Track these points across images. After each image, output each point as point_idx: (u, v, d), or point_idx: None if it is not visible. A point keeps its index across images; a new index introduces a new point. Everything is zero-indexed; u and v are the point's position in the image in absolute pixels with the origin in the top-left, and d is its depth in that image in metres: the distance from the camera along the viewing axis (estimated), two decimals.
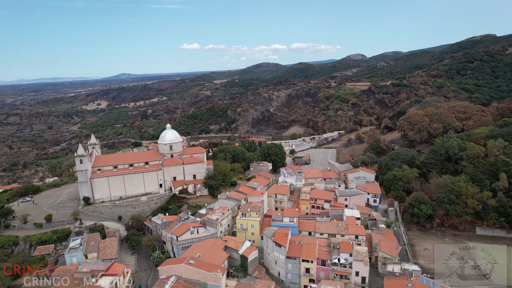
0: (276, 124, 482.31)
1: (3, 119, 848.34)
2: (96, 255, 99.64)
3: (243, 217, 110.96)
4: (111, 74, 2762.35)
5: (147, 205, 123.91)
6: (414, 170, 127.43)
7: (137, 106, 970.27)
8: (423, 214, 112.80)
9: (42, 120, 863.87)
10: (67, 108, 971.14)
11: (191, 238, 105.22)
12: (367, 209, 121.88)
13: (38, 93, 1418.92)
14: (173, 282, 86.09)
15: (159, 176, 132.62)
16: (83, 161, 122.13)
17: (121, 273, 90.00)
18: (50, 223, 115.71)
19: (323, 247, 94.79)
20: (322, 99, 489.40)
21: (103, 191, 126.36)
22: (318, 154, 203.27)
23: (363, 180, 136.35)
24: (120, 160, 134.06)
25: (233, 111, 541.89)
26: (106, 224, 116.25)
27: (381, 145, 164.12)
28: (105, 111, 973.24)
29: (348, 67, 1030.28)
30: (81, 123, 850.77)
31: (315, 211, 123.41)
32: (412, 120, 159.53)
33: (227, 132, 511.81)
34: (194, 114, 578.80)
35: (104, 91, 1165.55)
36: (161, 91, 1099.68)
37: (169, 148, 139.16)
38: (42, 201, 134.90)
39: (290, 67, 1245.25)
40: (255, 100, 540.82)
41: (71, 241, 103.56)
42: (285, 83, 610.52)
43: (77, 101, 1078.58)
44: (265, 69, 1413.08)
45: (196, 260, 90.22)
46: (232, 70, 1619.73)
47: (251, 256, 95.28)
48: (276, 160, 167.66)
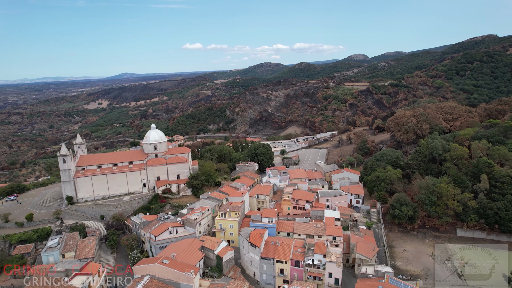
0: (274, 124, 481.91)
1: (5, 118, 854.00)
2: (74, 254, 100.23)
3: (222, 217, 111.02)
4: (114, 74, 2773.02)
5: (129, 205, 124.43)
6: (398, 171, 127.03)
7: (138, 106, 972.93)
8: (404, 215, 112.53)
9: (43, 119, 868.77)
10: (68, 108, 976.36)
11: (169, 238, 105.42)
12: (349, 210, 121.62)
13: (41, 92, 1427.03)
14: (146, 281, 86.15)
15: (143, 176, 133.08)
16: (66, 161, 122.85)
17: (95, 273, 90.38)
18: (31, 222, 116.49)
19: (298, 248, 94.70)
20: (320, 99, 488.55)
21: (87, 191, 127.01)
22: (308, 154, 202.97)
23: (347, 181, 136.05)
24: (104, 159, 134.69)
25: (231, 111, 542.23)
26: (87, 223, 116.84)
27: (368, 145, 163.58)
28: (106, 110, 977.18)
29: (349, 67, 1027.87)
30: (82, 122, 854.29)
31: (296, 211, 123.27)
32: (399, 121, 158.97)
33: (225, 132, 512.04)
34: (192, 114, 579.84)
35: (105, 91, 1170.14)
36: (162, 91, 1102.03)
37: (154, 148, 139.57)
38: (26, 200, 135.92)
39: (291, 67, 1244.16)
40: (253, 100, 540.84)
41: (50, 240, 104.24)
42: (284, 83, 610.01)
43: (79, 100, 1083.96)
44: (266, 69, 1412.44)
45: (170, 260, 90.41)
46: (234, 70, 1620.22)
47: (226, 256, 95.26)
48: (264, 161, 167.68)
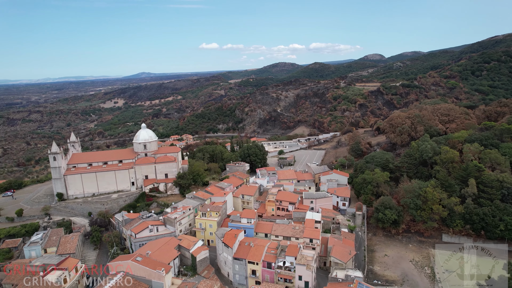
0: (282, 124, 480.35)
1: (26, 116, 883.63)
2: (56, 250, 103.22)
3: (202, 217, 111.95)
4: (132, 73, 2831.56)
5: (116, 202, 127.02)
6: (385, 174, 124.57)
7: (152, 105, 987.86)
8: (387, 219, 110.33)
9: (62, 117, 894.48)
10: (86, 106, 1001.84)
11: (149, 235, 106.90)
12: (333, 213, 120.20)
13: (61, 91, 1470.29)
14: (120, 278, 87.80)
15: (131, 174, 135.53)
16: (56, 158, 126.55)
17: (72, 268, 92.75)
18: (21, 217, 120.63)
19: (272, 250, 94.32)
20: (330, 100, 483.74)
21: (77, 188, 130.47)
22: (305, 155, 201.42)
23: (334, 182, 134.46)
24: (95, 158, 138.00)
25: (241, 111, 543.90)
26: (74, 219, 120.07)
27: (361, 147, 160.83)
28: (121, 109, 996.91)
29: (364, 67, 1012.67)
30: (98, 120, 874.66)
31: (280, 212, 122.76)
32: (394, 122, 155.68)
33: (234, 131, 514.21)
34: (203, 113, 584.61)
35: (121, 90, 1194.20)
36: (177, 90, 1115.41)
37: (143, 147, 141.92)
38: (21, 196, 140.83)
39: (305, 67, 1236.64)
40: (263, 100, 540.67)
41: (34, 235, 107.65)
42: (295, 83, 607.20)
43: (96, 99, 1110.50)
44: (281, 68, 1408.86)
45: (144, 258, 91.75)
46: (249, 70, 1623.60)
47: (200, 255, 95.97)
48: (256, 161, 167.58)
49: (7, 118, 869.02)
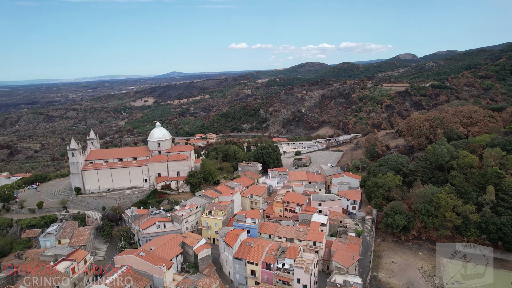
0: (306, 124, 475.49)
1: (63, 113, 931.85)
2: (68, 241, 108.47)
3: (209, 215, 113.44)
4: (162, 72, 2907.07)
5: (128, 198, 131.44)
6: (397, 178, 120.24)
7: (180, 104, 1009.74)
8: (396, 224, 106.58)
9: (95, 115, 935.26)
10: (117, 104, 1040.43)
11: (156, 232, 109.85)
12: (341, 216, 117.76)
13: (96, 90, 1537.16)
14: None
15: (144, 171, 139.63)
16: (75, 154, 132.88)
17: (80, 260, 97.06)
18: (41, 209, 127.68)
19: (272, 251, 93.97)
20: (356, 100, 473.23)
21: (93, 183, 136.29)
22: (322, 156, 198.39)
23: (346, 185, 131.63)
24: (112, 154, 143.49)
25: (265, 111, 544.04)
26: (88, 213, 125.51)
27: (376, 150, 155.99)
28: (151, 107, 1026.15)
29: (394, 67, 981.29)
30: (128, 118, 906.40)
31: (288, 214, 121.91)
32: (411, 124, 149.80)
33: (258, 131, 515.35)
34: (227, 112, 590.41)
35: (151, 89, 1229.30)
36: (205, 90, 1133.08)
37: (157, 145, 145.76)
38: (44, 189, 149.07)
39: (334, 67, 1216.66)
40: (287, 100, 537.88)
41: (51, 226, 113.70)
42: (321, 83, 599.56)
43: (127, 97, 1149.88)
44: (309, 68, 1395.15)
45: (147, 253, 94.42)
46: (277, 70, 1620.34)
47: (201, 253, 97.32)
48: (269, 161, 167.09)
49: (46, 115, 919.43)
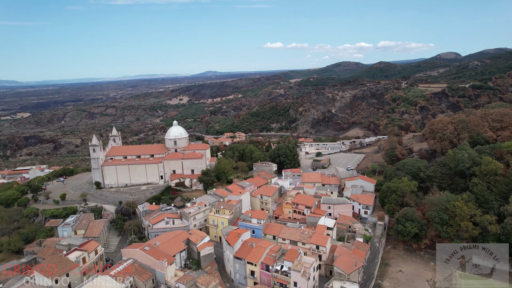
0: (336, 125, 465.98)
1: (103, 110, 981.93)
2: (84, 232, 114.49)
3: (216, 214, 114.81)
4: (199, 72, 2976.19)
5: (143, 194, 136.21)
6: (412, 183, 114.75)
7: (214, 103, 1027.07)
8: (407, 232, 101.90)
9: (132, 112, 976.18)
10: (154, 102, 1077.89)
11: (165, 227, 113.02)
12: (350, 220, 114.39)
13: (135, 88, 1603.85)
14: (128, 263, 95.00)
15: (160, 168, 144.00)
16: (95, 150, 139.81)
17: (91, 250, 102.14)
18: (64, 201, 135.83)
19: (273, 252, 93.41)
20: (388, 101, 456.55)
21: (112, 178, 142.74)
22: (343, 158, 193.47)
23: (359, 189, 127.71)
24: (130, 151, 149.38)
25: (294, 111, 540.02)
26: (105, 206, 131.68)
27: (396, 153, 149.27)
28: (185, 106, 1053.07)
29: (434, 67, 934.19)
30: (163, 116, 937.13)
31: (296, 216, 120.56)
32: (434, 127, 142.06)
33: (287, 131, 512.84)
34: (257, 112, 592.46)
35: (187, 87, 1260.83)
36: (238, 89, 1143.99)
37: (173, 143, 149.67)
38: (70, 182, 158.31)
39: (369, 66, 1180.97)
40: (317, 100, 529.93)
41: (69, 217, 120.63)
42: (353, 83, 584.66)
43: (163, 96, 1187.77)
44: (344, 68, 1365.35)
45: (152, 248, 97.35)
46: (311, 69, 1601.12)
47: (204, 251, 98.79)
48: (286, 162, 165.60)
49: (88, 112, 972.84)
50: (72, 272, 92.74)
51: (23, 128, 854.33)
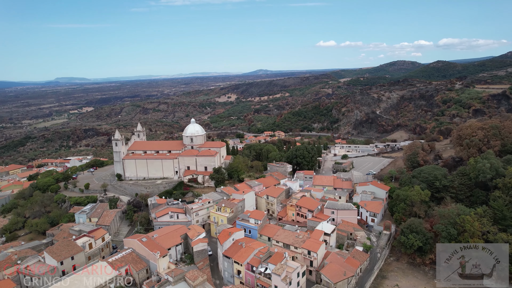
0: (379, 127, 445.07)
1: (156, 106, 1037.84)
2: (97, 220, 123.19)
3: (217, 211, 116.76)
4: (250, 70, 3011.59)
5: (157, 187, 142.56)
6: (424, 192, 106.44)
7: (260, 101, 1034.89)
8: (410, 244, 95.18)
9: (183, 108, 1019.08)
10: (203, 100, 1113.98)
11: (168, 221, 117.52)
12: (353, 227, 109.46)
13: (188, 86, 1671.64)
14: (126, 253, 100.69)
15: (175, 164, 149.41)
16: (117, 144, 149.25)
17: (98, 237, 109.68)
18: (88, 190, 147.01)
19: (261, 254, 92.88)
20: (439, 103, 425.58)
21: (132, 171, 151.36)
22: (368, 162, 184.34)
23: (369, 195, 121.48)
24: (150, 146, 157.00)
25: (337, 111, 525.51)
26: (122, 197, 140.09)
27: (418, 159, 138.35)
28: (233, 103, 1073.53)
29: (503, 65, 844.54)
30: (211, 113, 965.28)
31: (300, 219, 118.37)
32: (462, 133, 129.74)
33: (328, 131, 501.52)
34: (299, 111, 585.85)
35: (235, 86, 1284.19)
36: (285, 88, 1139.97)
37: (190, 140, 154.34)
38: (98, 173, 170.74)
39: (425, 66, 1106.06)
40: (362, 101, 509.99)
41: (87, 205, 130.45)
42: (402, 84, 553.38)
43: (213, 93, 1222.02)
44: (399, 67, 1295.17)
45: (149, 240, 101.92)
46: (363, 68, 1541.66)
47: (197, 247, 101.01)
48: (303, 163, 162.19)
49: (142, 108, 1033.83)
50: (77, 255, 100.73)
51: (86, 121, 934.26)
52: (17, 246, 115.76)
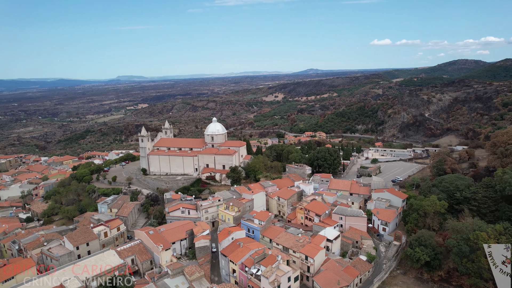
0: (427, 131, 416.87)
1: (205, 104, 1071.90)
2: (116, 211, 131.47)
3: (225, 210, 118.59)
4: (301, 69, 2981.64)
5: (176, 183, 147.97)
6: (440, 203, 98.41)
7: (307, 101, 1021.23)
8: (417, 258, 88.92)
9: (230, 107, 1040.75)
10: (250, 98, 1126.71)
11: (179, 216, 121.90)
12: (361, 235, 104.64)
13: (237, 84, 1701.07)
14: (135, 243, 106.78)
15: (195, 161, 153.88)
16: (143, 140, 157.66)
17: (113, 227, 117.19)
18: (115, 182, 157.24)
19: (256, 255, 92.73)
20: (498, 106, 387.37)
21: (155, 166, 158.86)
22: (398, 168, 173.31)
23: (383, 202, 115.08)
24: (173, 143, 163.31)
25: (383, 112, 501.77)
26: (144, 191, 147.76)
27: (445, 167, 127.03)
28: (279, 103, 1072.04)
29: None
30: (257, 112, 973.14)
31: (308, 222, 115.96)
32: (496, 140, 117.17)
33: (372, 133, 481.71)
34: (343, 112, 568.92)
35: (283, 85, 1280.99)
36: (333, 87, 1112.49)
37: (211, 139, 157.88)
38: (128, 167, 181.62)
39: (491, 65, 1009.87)
40: (410, 102, 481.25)
41: (111, 197, 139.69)
42: (457, 85, 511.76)
43: (260, 92, 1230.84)
44: (459, 67, 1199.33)
45: (155, 233, 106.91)
46: (419, 68, 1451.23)
47: (199, 243, 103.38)
48: (324, 166, 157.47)
49: (192, 105, 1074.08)
50: (92, 242, 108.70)
51: (140, 117, 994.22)
52: (48, 229, 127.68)
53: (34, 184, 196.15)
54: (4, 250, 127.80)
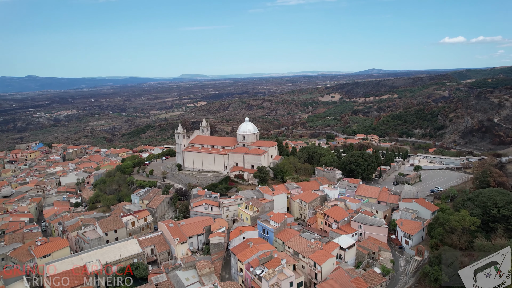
0: (495, 138, 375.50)
1: (260, 103, 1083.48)
2: (148, 203, 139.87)
3: (245, 209, 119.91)
4: (362, 69, 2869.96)
5: (205, 180, 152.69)
6: (469, 219, 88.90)
7: (365, 102, 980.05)
8: (435, 278, 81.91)
9: (285, 106, 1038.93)
10: (306, 98, 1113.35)
11: (201, 211, 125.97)
12: (379, 246, 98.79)
13: (295, 84, 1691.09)
14: (156, 235, 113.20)
15: (225, 160, 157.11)
16: (179, 137, 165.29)
17: (141, 218, 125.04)
18: (151, 175, 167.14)
19: (264, 256, 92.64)
20: None
21: (189, 163, 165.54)
22: (441, 177, 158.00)
23: (410, 213, 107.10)
24: (207, 141, 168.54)
25: (444, 116, 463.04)
26: (176, 185, 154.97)
27: (488, 179, 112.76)
28: (336, 103, 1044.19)
29: None
30: (312, 112, 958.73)
31: (327, 228, 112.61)
32: None
33: (431, 139, 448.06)
34: (400, 114, 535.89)
35: (340, 85, 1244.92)
36: (394, 88, 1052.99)
37: (242, 138, 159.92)
38: (167, 162, 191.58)
39: None
40: (476, 106, 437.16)
41: (145, 189, 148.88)
42: None
43: (317, 92, 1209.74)
44: None
45: (175, 226, 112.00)
46: (498, 68, 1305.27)
47: (213, 239, 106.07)
48: (357, 171, 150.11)
49: (248, 104, 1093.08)
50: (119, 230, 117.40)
51: (198, 114, 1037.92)
52: (88, 215, 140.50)
53: (87, 173, 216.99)
54: (53, 230, 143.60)
